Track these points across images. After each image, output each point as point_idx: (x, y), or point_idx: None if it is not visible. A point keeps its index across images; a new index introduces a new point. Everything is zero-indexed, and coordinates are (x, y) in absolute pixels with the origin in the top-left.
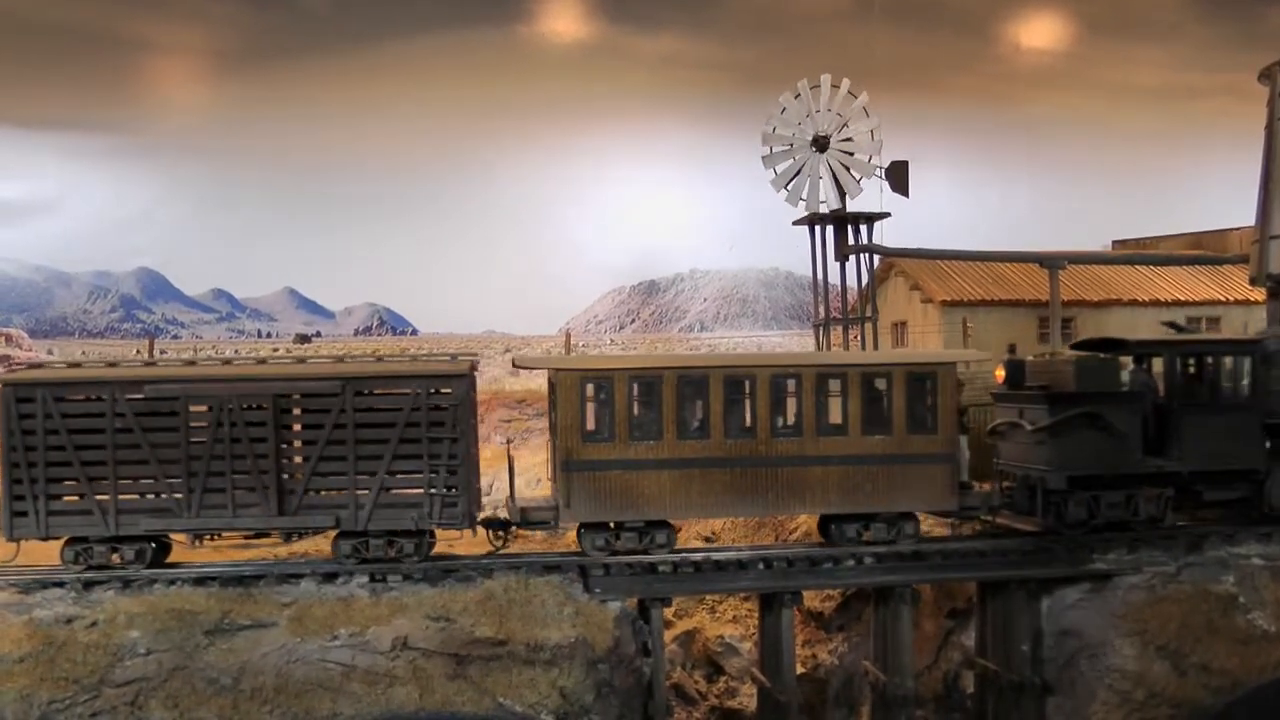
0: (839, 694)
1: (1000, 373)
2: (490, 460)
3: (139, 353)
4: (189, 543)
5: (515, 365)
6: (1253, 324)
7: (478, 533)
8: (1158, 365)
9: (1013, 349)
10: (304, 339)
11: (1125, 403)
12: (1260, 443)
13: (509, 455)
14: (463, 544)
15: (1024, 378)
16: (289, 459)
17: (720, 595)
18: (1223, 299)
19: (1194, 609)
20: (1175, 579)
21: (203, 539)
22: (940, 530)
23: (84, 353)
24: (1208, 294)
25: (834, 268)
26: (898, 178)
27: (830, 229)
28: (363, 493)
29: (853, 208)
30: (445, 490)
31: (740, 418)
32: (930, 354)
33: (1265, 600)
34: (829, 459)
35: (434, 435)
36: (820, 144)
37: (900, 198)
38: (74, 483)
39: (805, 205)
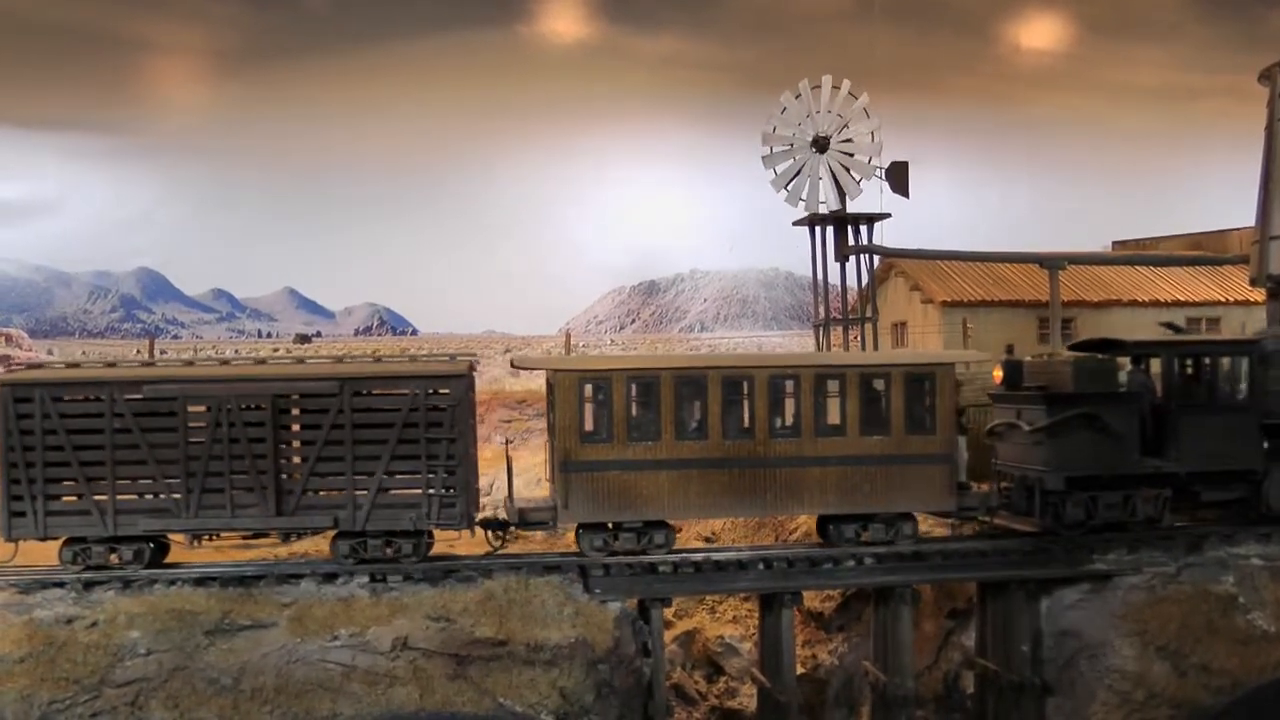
0: (839, 694)
1: (998, 373)
2: (490, 460)
3: (139, 353)
4: (187, 543)
5: (514, 365)
6: (1252, 325)
7: (476, 533)
8: (1156, 366)
9: (1010, 349)
10: (304, 339)
11: (1123, 403)
12: (1258, 443)
13: (507, 455)
14: (463, 544)
15: (1022, 378)
16: (287, 459)
17: (720, 595)
18: (1223, 300)
19: (1194, 609)
20: (1175, 579)
21: (201, 539)
22: (940, 530)
23: (84, 353)
24: (1208, 294)
25: (834, 268)
26: (898, 178)
27: (830, 229)
28: (361, 493)
29: (853, 208)
30: (443, 491)
31: (738, 418)
32: (928, 355)
33: (1265, 600)
34: (827, 460)
35: (432, 436)
36: (820, 145)
37: (900, 198)
38: (72, 483)
39: (805, 206)
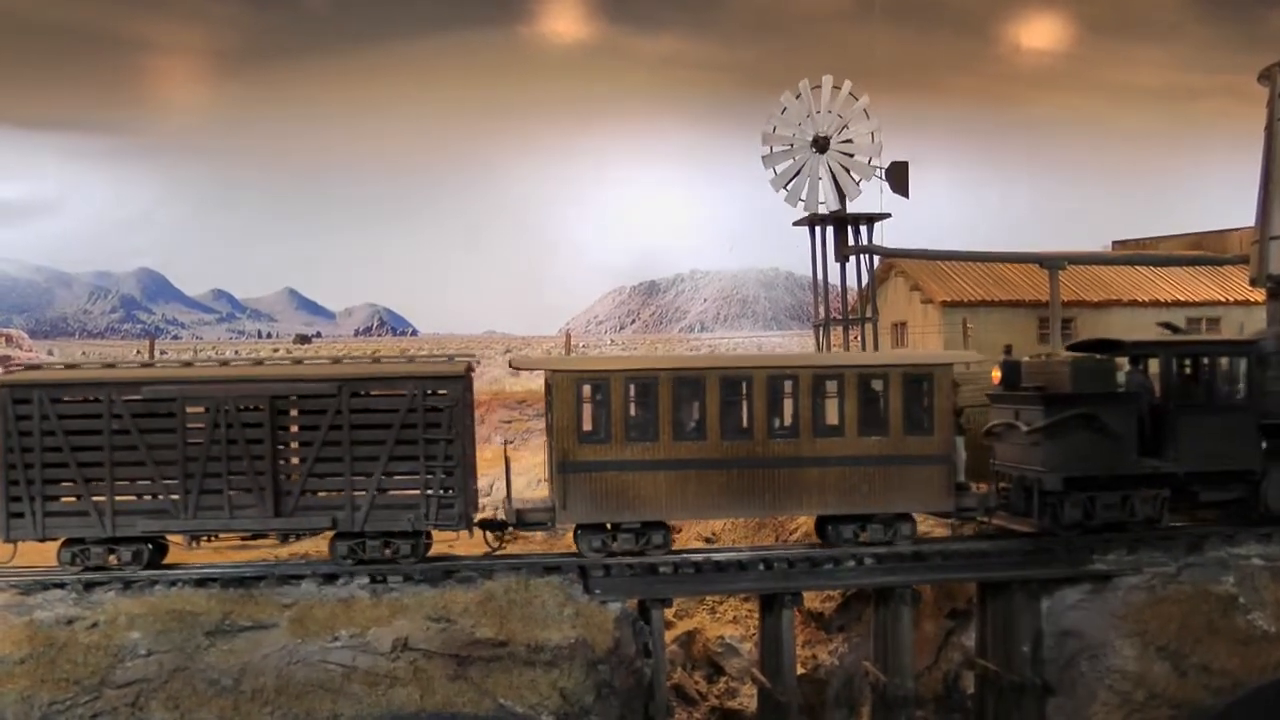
0: (839, 694)
1: (996, 374)
2: (491, 461)
3: (139, 353)
4: (186, 544)
5: (512, 366)
6: (1252, 325)
7: (476, 534)
8: (1154, 366)
9: (1008, 350)
10: (304, 339)
11: (1121, 404)
12: (1256, 443)
13: (505, 456)
14: (463, 545)
15: (1020, 379)
16: (285, 460)
17: (721, 596)
18: (1223, 300)
19: (1194, 609)
20: (1175, 579)
21: (199, 540)
22: (941, 531)
23: (84, 353)
24: (1208, 295)
25: (834, 268)
26: (898, 178)
27: (830, 230)
28: (359, 494)
29: (853, 208)
30: (441, 491)
31: (737, 419)
32: (926, 355)
33: (1265, 601)
34: (825, 460)
35: (430, 436)
36: (820, 145)
37: (900, 198)
38: (71, 484)
39: (804, 206)
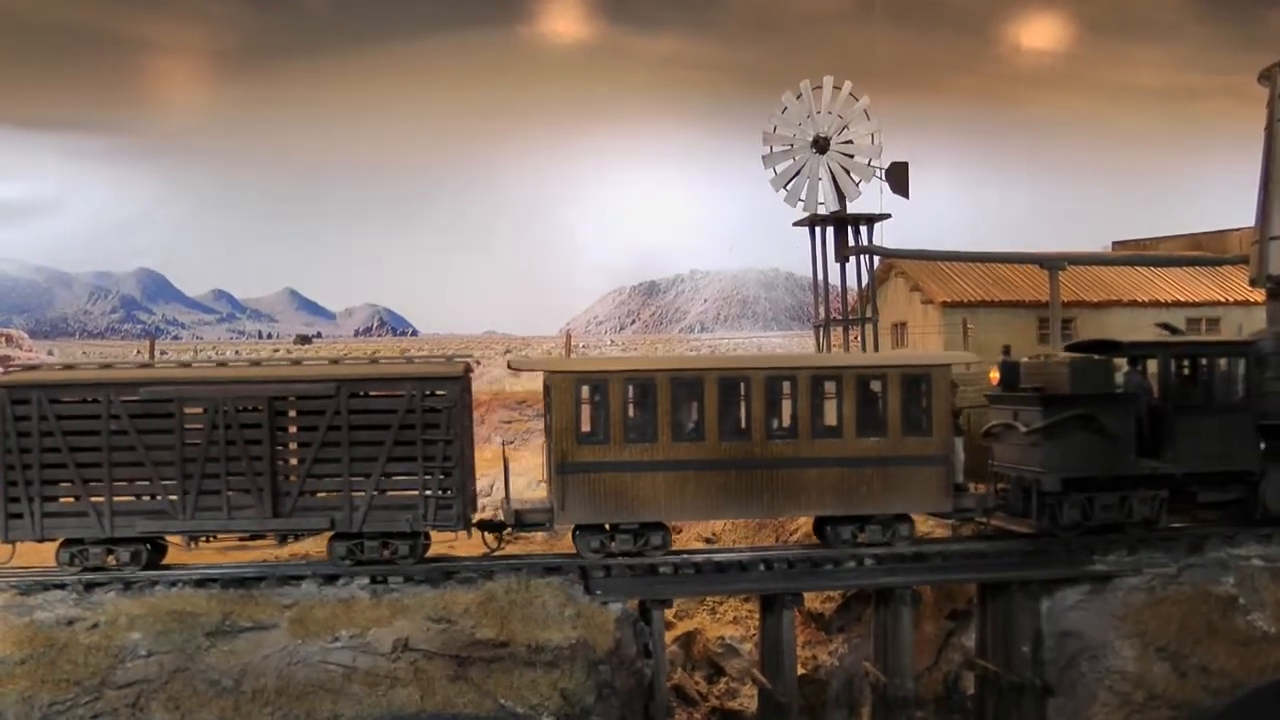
0: (839, 695)
1: (994, 374)
2: (491, 461)
3: (139, 354)
4: (184, 545)
5: (511, 367)
6: (1251, 325)
7: (473, 534)
8: (1152, 367)
9: (1007, 350)
10: (304, 340)
11: (1120, 404)
12: (1254, 444)
13: (504, 457)
14: (463, 546)
15: (1018, 379)
16: (284, 461)
17: (721, 596)
18: (1223, 300)
19: (1194, 610)
20: (1175, 580)
21: (198, 541)
22: (941, 531)
23: (84, 353)
24: (1208, 295)
25: (834, 269)
26: (898, 179)
27: (830, 230)
28: (357, 494)
29: (853, 209)
30: (440, 492)
31: (735, 420)
32: (925, 356)
33: (1265, 601)
34: (824, 461)
35: (429, 437)
36: (821, 145)
37: (900, 199)
38: (69, 484)
39: (804, 206)
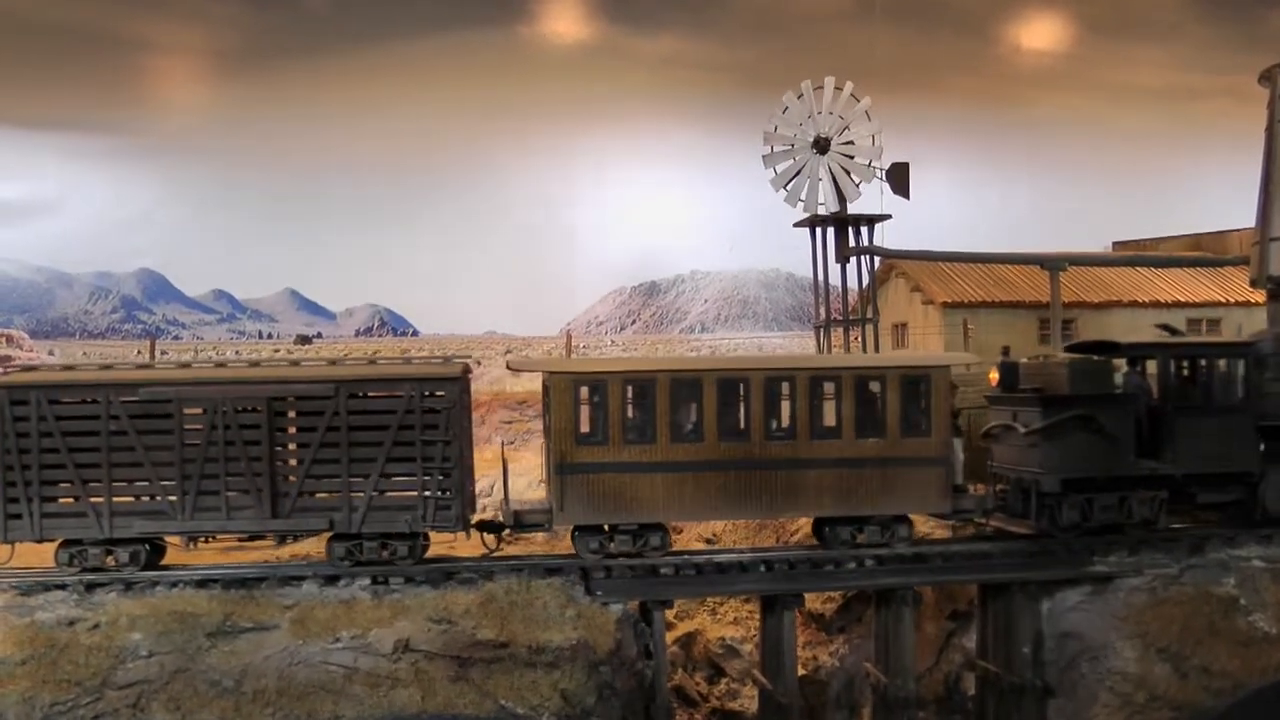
0: (840, 696)
1: (994, 375)
2: (491, 461)
3: (140, 354)
4: (183, 545)
5: (510, 368)
6: (1252, 326)
7: (472, 535)
8: (1152, 368)
9: (1006, 351)
10: (305, 340)
11: (1119, 405)
12: (1254, 445)
13: (503, 457)
14: (463, 546)
15: (1018, 380)
16: (283, 461)
17: (721, 597)
18: (1223, 301)
19: (1195, 611)
20: (1176, 581)
21: (197, 541)
22: (942, 532)
23: (85, 354)
24: (1208, 296)
25: (835, 269)
26: (898, 179)
27: (831, 230)
28: (356, 495)
29: (853, 209)
30: (439, 493)
31: (734, 421)
32: (923, 356)
33: (1266, 602)
34: (823, 462)
35: (427, 438)
36: (821, 146)
37: (901, 199)
38: (68, 485)
39: (804, 206)
